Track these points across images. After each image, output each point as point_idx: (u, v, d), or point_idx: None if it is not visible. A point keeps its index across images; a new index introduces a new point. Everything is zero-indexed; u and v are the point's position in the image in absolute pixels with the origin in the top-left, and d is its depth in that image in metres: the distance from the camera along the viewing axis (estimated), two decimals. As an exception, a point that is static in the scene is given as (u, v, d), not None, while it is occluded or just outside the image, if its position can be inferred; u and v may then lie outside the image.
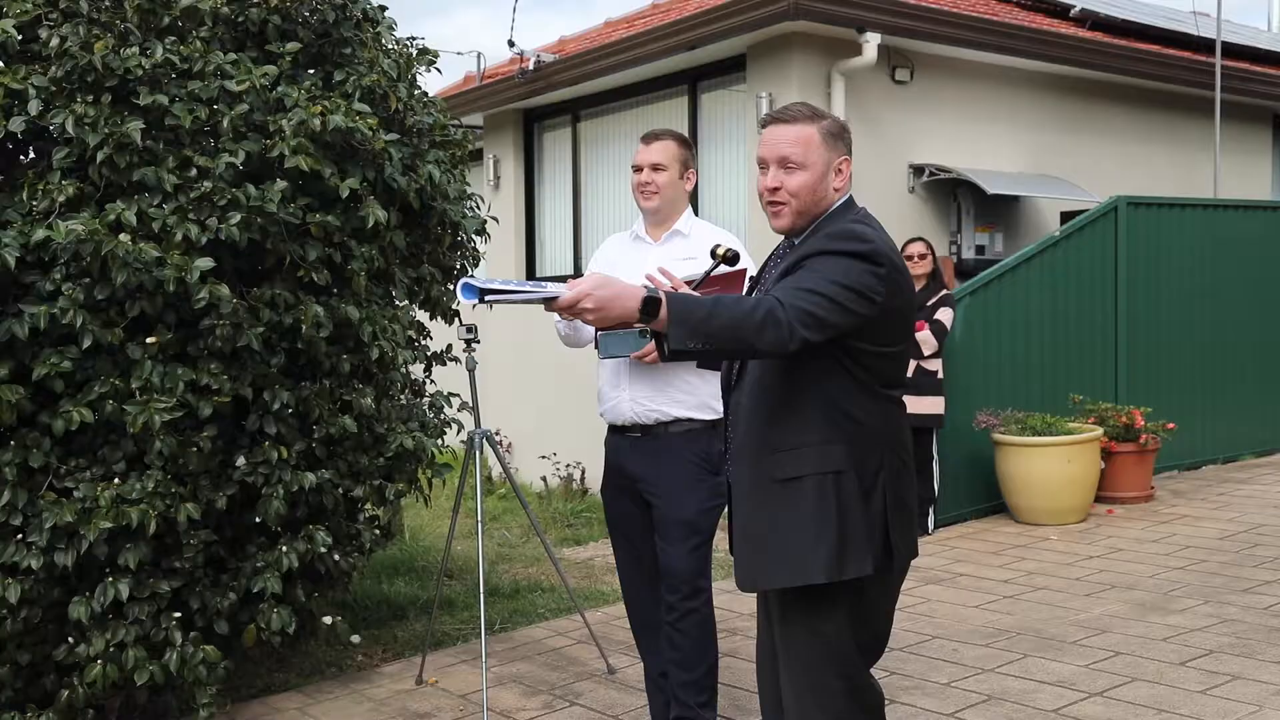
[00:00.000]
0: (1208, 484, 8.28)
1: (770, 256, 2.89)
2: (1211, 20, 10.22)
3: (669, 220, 3.88)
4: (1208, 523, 7.06)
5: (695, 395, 3.73)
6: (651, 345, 3.59)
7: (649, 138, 3.90)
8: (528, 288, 2.52)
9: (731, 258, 3.10)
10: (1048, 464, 7.14)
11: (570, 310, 2.43)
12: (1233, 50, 10.53)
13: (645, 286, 2.47)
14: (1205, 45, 10.09)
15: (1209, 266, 8.91)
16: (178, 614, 4.20)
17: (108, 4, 4.33)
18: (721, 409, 3.71)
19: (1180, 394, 8.69)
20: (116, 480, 4.06)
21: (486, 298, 2.49)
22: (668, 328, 2.39)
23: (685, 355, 2.43)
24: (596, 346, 3.80)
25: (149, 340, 4.06)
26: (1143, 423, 7.60)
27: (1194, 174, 10.30)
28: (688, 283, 3.09)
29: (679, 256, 3.71)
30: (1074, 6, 10.12)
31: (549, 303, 2.47)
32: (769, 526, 2.64)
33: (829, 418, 2.61)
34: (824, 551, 2.57)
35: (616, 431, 3.89)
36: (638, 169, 3.88)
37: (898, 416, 2.72)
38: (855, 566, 2.59)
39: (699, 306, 2.42)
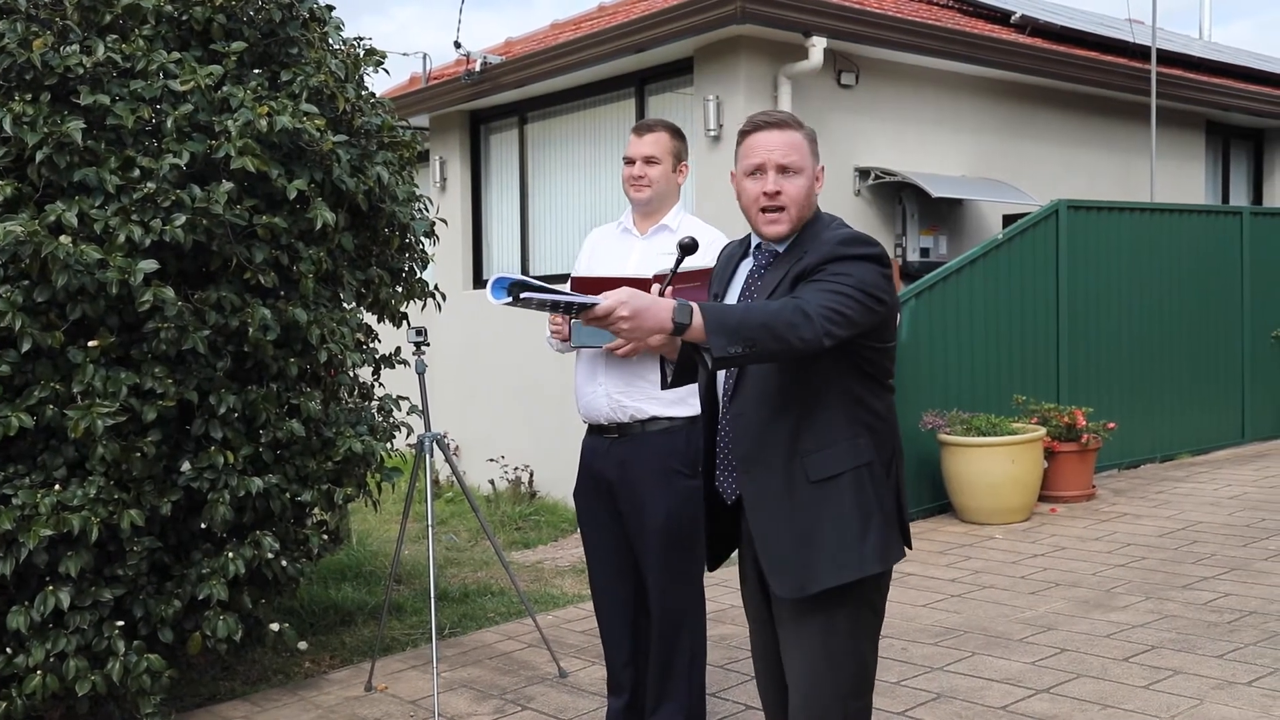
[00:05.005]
0: (1147, 482, 8.43)
1: (738, 263, 2.87)
2: (1146, 28, 10.44)
3: (658, 214, 3.79)
4: (1147, 521, 7.19)
5: (672, 390, 3.69)
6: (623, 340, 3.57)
7: (641, 129, 3.78)
8: (563, 294, 2.49)
9: (689, 245, 2.98)
10: (992, 464, 7.24)
11: (604, 320, 2.44)
12: (1167, 57, 10.74)
13: (675, 299, 2.47)
14: (1141, 52, 10.29)
15: (1147, 269, 9.08)
16: (121, 622, 4.13)
17: (47, 1, 4.25)
18: (698, 405, 3.68)
19: (1120, 394, 8.85)
20: (57, 486, 3.98)
21: (522, 295, 2.44)
22: (707, 336, 2.42)
23: (730, 362, 2.47)
24: (569, 336, 3.71)
25: (91, 344, 3.98)
26: (1084, 423, 7.72)
27: (1131, 178, 10.51)
28: (657, 278, 3.05)
29: (664, 251, 3.63)
30: (1014, 13, 10.28)
31: (584, 310, 2.47)
32: (811, 528, 2.64)
33: (851, 413, 2.66)
34: (874, 541, 2.64)
35: (594, 432, 3.83)
36: (629, 161, 3.76)
37: (894, 405, 2.79)
38: (896, 552, 2.69)
39: (731, 312, 2.46)
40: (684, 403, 3.67)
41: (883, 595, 2.75)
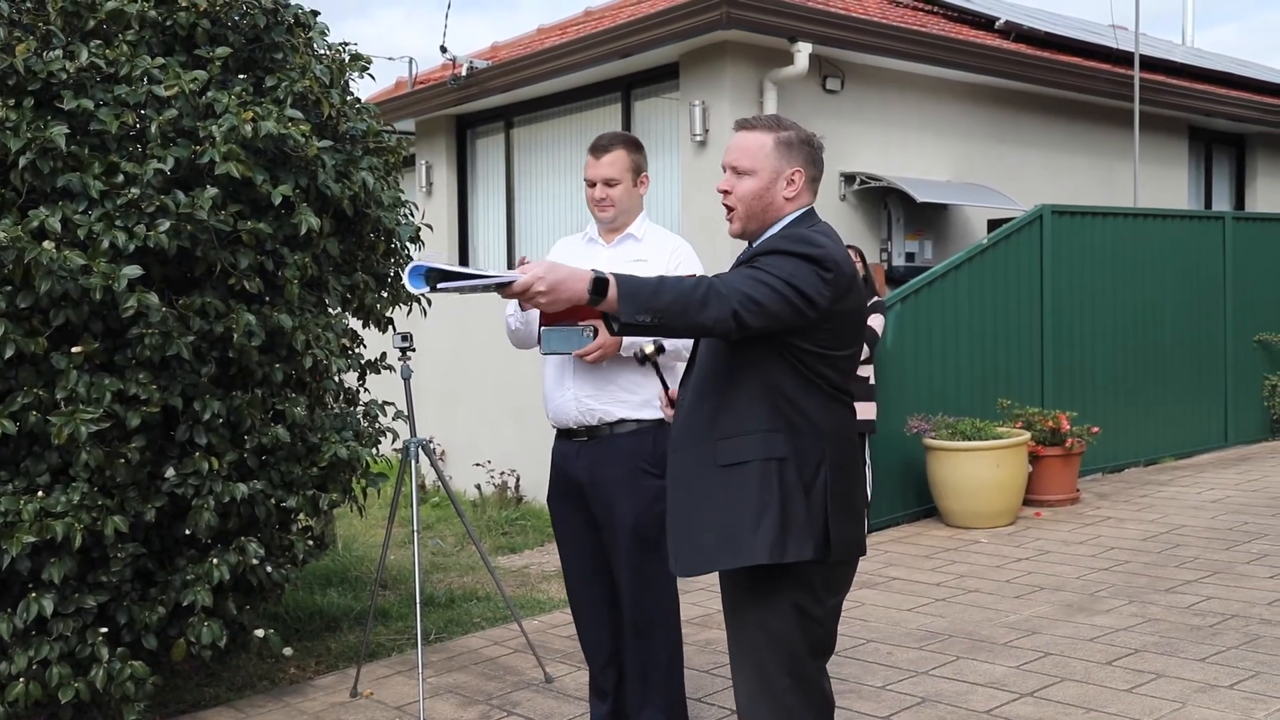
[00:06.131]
0: (1130, 486, 8.47)
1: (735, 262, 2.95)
2: (1130, 34, 10.49)
3: (623, 226, 3.87)
4: (1131, 524, 7.22)
5: (638, 394, 3.71)
6: (593, 344, 3.62)
7: (599, 150, 3.80)
8: (479, 275, 2.52)
9: (655, 352, 3.21)
10: (977, 468, 7.26)
11: (524, 295, 2.49)
12: (1150, 63, 10.80)
13: (593, 269, 2.52)
14: (1124, 58, 10.35)
15: (1129, 274, 9.13)
16: (104, 629, 4.11)
17: (30, 5, 4.24)
18: None
19: (1103, 398, 8.89)
20: (40, 493, 3.97)
21: (438, 286, 2.46)
22: (618, 303, 2.49)
23: (635, 329, 2.52)
24: (539, 342, 3.77)
25: (74, 350, 3.97)
26: (1068, 427, 7.75)
27: (1114, 183, 10.56)
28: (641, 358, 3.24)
29: (630, 258, 3.71)
30: (998, 19, 10.33)
31: (502, 289, 2.49)
32: (710, 511, 2.69)
33: (774, 407, 2.67)
34: (766, 533, 2.63)
35: (563, 436, 3.87)
36: (591, 184, 3.82)
37: (844, 416, 2.77)
38: (796, 549, 2.64)
39: (646, 283, 2.53)
40: (650, 405, 3.73)
41: (816, 598, 2.74)
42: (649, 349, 3.20)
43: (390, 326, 5.16)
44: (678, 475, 2.79)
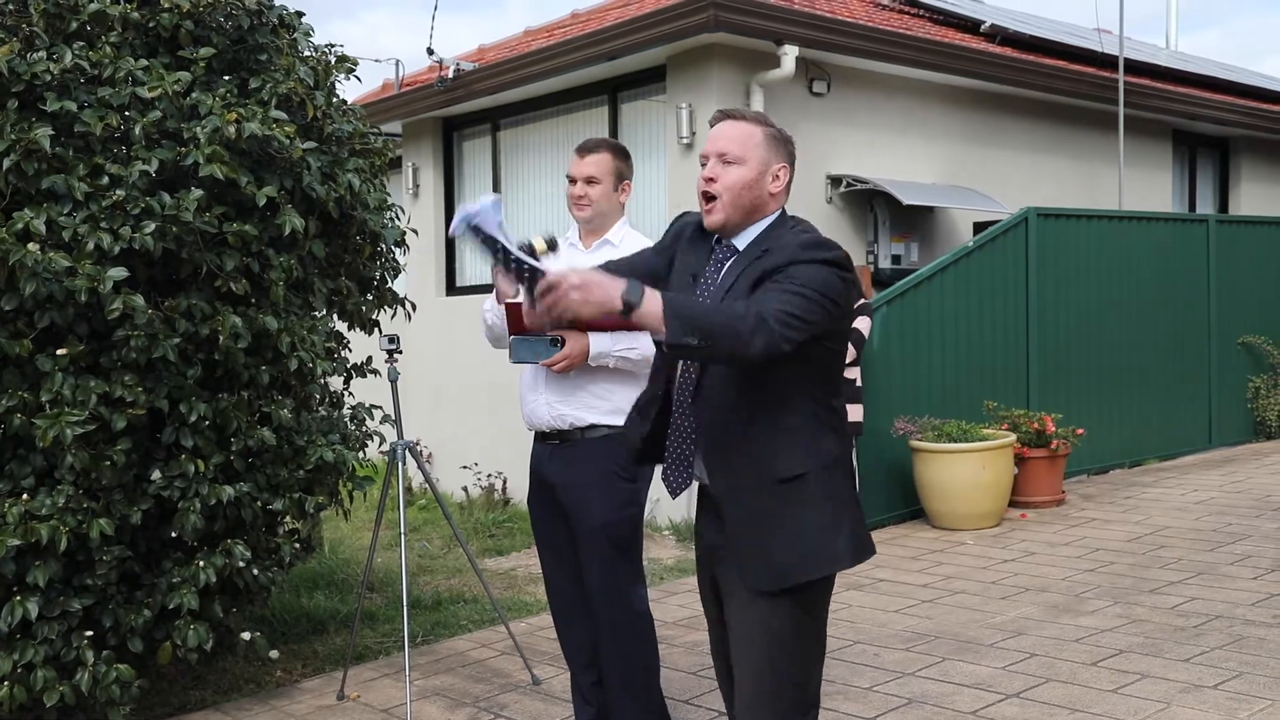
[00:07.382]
0: (1115, 488, 8.51)
1: (703, 252, 2.86)
2: (1114, 37, 10.54)
3: (601, 230, 3.90)
4: (1116, 525, 7.26)
5: (610, 400, 3.74)
6: (560, 354, 3.62)
7: (584, 150, 3.86)
8: (515, 250, 2.49)
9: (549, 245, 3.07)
10: (963, 470, 7.28)
11: (555, 289, 2.39)
12: (1134, 66, 10.85)
13: (627, 280, 2.45)
14: (1108, 61, 10.39)
15: (1114, 276, 9.17)
16: (90, 632, 4.09)
17: (12, 7, 4.22)
18: None
19: (1088, 400, 8.93)
20: (25, 495, 3.95)
21: (473, 225, 2.45)
22: (665, 321, 2.41)
23: (683, 351, 2.47)
24: (508, 351, 3.79)
25: (59, 352, 3.95)
26: (1054, 429, 7.78)
27: (1099, 186, 10.60)
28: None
29: None
30: (984, 22, 10.36)
31: (533, 280, 2.42)
32: (779, 524, 2.65)
33: (815, 413, 2.68)
34: (844, 538, 2.67)
35: (540, 440, 3.91)
36: (572, 180, 3.86)
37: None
38: (867, 549, 2.72)
39: (693, 304, 2.50)
40: (622, 413, 3.71)
41: (829, 591, 2.78)
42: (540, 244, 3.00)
43: (376, 329, 5.15)
44: (733, 490, 2.70)
